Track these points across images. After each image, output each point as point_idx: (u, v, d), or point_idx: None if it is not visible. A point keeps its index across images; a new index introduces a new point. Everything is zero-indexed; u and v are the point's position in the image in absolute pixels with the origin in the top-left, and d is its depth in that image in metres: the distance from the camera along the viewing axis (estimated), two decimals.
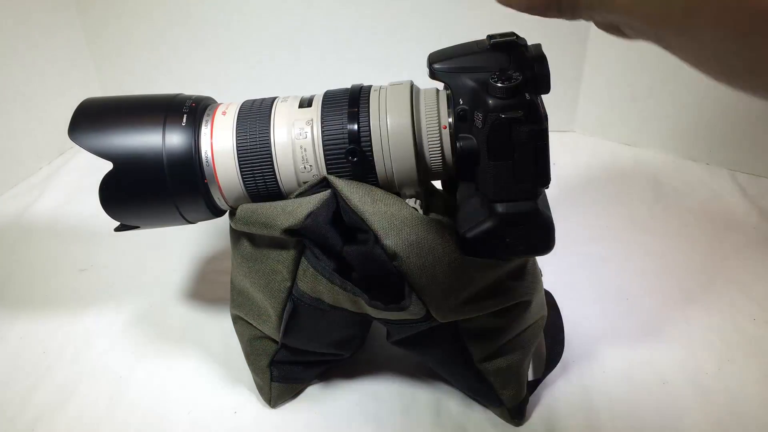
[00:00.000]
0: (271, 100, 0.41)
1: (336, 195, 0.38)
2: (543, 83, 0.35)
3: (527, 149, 0.34)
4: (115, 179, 0.40)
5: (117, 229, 0.44)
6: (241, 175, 0.40)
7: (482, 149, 0.35)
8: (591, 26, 0.26)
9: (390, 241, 0.36)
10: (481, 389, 0.44)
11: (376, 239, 0.36)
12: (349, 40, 0.81)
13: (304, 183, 0.40)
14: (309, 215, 0.37)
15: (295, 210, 0.38)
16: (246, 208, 0.40)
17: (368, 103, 0.38)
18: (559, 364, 0.47)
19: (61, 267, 0.62)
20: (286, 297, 0.41)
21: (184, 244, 0.64)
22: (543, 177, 0.35)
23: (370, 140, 0.38)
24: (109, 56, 0.87)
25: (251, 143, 0.39)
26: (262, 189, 0.40)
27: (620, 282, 0.57)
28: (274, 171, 0.39)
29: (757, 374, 0.48)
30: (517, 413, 0.44)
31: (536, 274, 0.44)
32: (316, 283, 0.39)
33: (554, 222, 0.36)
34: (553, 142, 0.35)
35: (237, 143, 0.39)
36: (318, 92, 0.41)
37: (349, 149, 0.38)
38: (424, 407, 0.46)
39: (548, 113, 0.35)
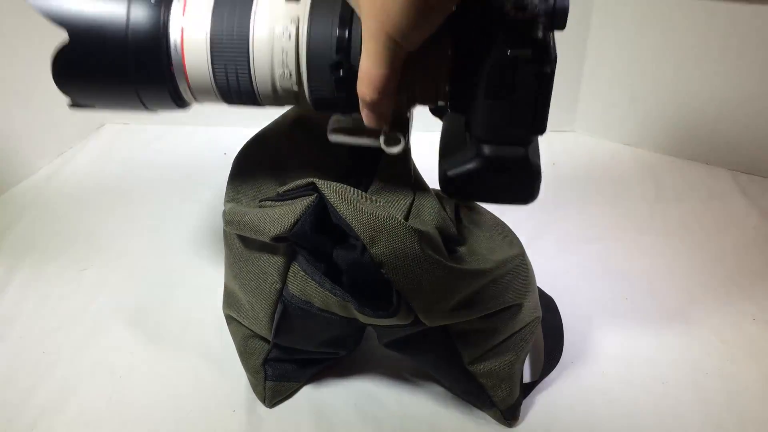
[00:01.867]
0: None
1: (323, 199, 0.37)
2: (560, 18, 0.30)
3: (529, 92, 0.31)
4: (71, 52, 0.36)
5: (71, 106, 0.41)
6: (212, 67, 0.35)
7: (480, 82, 0.31)
8: (591, 26, 0.26)
9: (377, 249, 0.36)
10: (472, 391, 0.44)
11: (364, 248, 0.36)
12: None
13: (281, 88, 0.36)
14: (296, 222, 0.37)
15: (282, 217, 0.37)
16: (234, 212, 0.40)
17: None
18: (558, 365, 0.47)
19: (61, 267, 0.62)
20: (276, 299, 0.41)
21: (183, 243, 0.64)
22: (539, 124, 0.32)
23: (361, 48, 0.33)
24: None
25: (227, 34, 0.35)
26: (234, 86, 0.36)
27: (620, 282, 0.57)
28: (248, 69, 0.35)
29: (757, 374, 0.48)
30: (510, 415, 0.44)
31: (528, 277, 0.44)
32: (306, 287, 0.39)
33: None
34: (553, 142, 0.35)
35: (211, 32, 0.35)
36: None
37: (335, 61, 0.33)
38: (422, 407, 0.46)
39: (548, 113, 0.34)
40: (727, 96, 0.72)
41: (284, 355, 0.45)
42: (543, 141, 0.34)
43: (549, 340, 0.49)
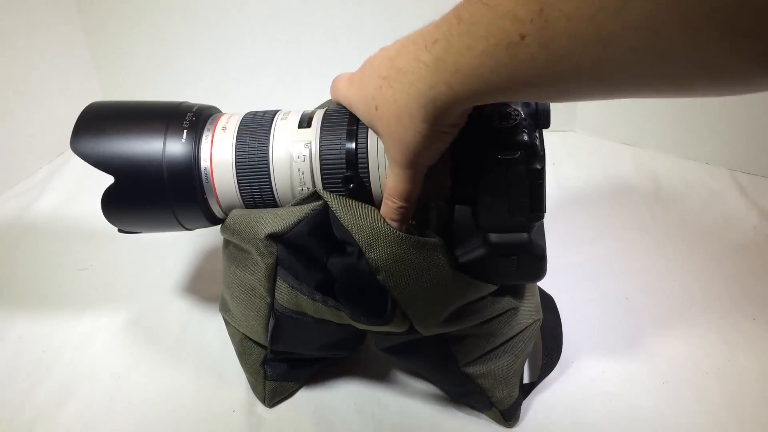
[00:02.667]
0: (272, 116, 0.41)
1: (327, 207, 0.38)
2: (543, 118, 0.35)
3: (522, 188, 0.34)
4: (116, 192, 0.40)
5: (120, 231, 0.45)
6: (239, 188, 0.40)
7: (479, 183, 0.35)
8: None
9: (374, 254, 0.36)
10: (470, 393, 0.44)
11: (361, 253, 0.36)
12: (350, 42, 0.81)
13: (299, 189, 0.40)
14: (299, 222, 0.38)
15: (286, 215, 0.38)
16: (236, 214, 0.40)
17: (367, 128, 0.38)
18: (558, 365, 0.47)
19: (61, 267, 0.62)
20: (267, 312, 0.41)
21: (183, 244, 0.64)
22: (537, 212, 0.35)
23: (367, 160, 0.38)
24: (109, 56, 0.87)
25: (249, 160, 0.40)
26: (259, 202, 0.41)
27: (620, 282, 0.57)
28: (271, 188, 0.40)
29: (757, 374, 0.48)
30: (509, 416, 0.44)
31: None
32: (296, 299, 0.39)
33: (547, 252, 0.37)
34: (553, 142, 0.35)
35: (236, 159, 0.40)
36: (319, 103, 0.41)
37: (345, 176, 0.38)
38: (422, 407, 0.46)
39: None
40: (727, 96, 0.72)
41: (283, 356, 0.45)
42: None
43: (548, 340, 0.49)
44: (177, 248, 0.64)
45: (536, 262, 0.37)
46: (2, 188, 0.75)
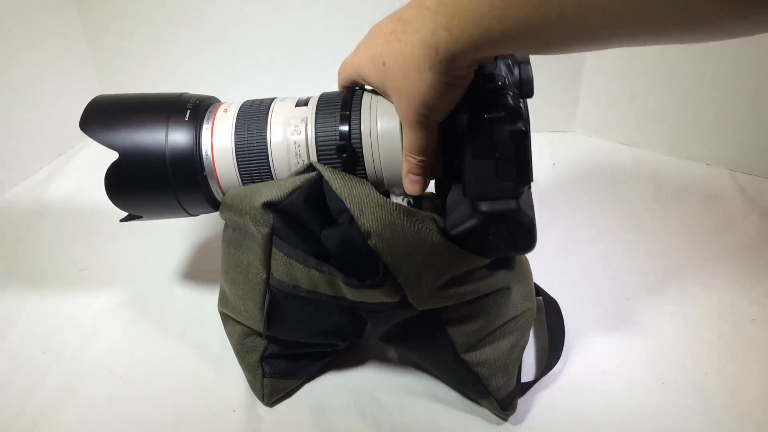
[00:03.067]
0: (270, 101, 0.43)
1: (321, 178, 0.40)
2: (526, 87, 0.37)
3: (509, 149, 0.35)
4: (119, 169, 0.42)
5: (122, 220, 0.46)
6: (239, 169, 0.42)
7: (466, 148, 0.35)
8: None
9: (365, 219, 0.37)
10: (467, 380, 0.44)
11: (352, 219, 0.38)
12: (350, 38, 0.81)
13: (295, 161, 0.41)
14: (294, 191, 0.39)
15: (281, 185, 0.39)
16: (232, 191, 0.42)
17: (360, 106, 0.40)
18: (558, 364, 0.47)
19: (61, 267, 0.62)
20: (264, 288, 0.41)
21: (183, 244, 0.64)
22: (524, 176, 0.36)
23: (360, 141, 0.39)
24: (109, 56, 0.87)
25: (249, 140, 0.41)
26: (257, 180, 0.42)
27: (620, 282, 0.57)
28: (269, 166, 0.42)
29: (757, 374, 0.48)
30: (506, 405, 0.44)
31: (518, 261, 0.44)
32: (291, 270, 0.40)
33: (537, 222, 0.37)
34: (553, 142, 0.35)
35: (236, 140, 0.42)
36: (316, 93, 0.43)
37: (339, 145, 0.40)
38: (422, 407, 0.46)
39: (548, 113, 0.36)
40: (727, 96, 0.72)
41: (281, 351, 0.45)
42: (543, 141, 0.34)
43: (551, 341, 0.49)
44: (177, 249, 0.64)
45: (526, 231, 0.37)
46: (2, 189, 0.75)
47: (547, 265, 0.57)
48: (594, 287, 0.57)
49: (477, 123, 0.35)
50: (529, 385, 0.46)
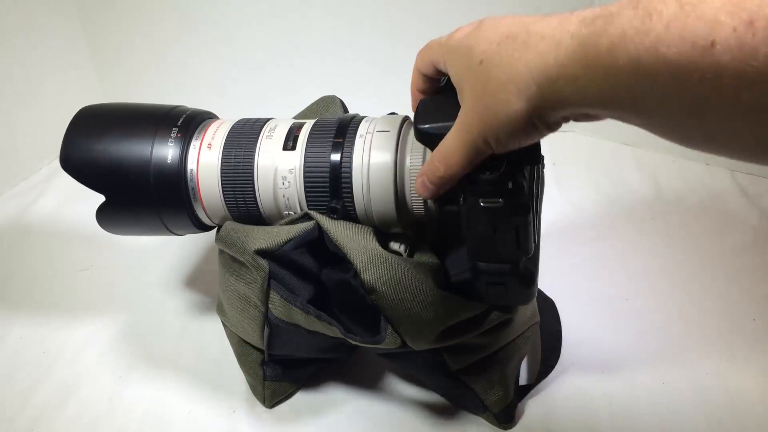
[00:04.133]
0: (259, 129, 0.41)
1: (318, 226, 0.38)
2: (533, 157, 0.33)
3: (507, 230, 0.33)
4: (108, 207, 0.41)
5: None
6: (224, 198, 0.40)
7: (463, 220, 0.34)
8: None
9: (368, 276, 0.36)
10: (464, 395, 0.44)
11: (356, 273, 0.36)
12: (350, 41, 0.81)
13: (286, 213, 0.40)
14: (289, 241, 0.38)
15: (276, 234, 0.38)
16: (229, 227, 0.40)
17: (352, 151, 0.38)
18: (558, 365, 0.47)
19: (61, 267, 0.62)
20: (262, 321, 0.41)
21: (183, 245, 0.64)
22: (525, 250, 0.34)
23: (351, 189, 0.38)
24: (109, 57, 0.87)
25: (235, 174, 0.40)
26: (243, 211, 0.41)
27: (620, 282, 0.57)
28: (256, 201, 0.40)
29: (757, 374, 0.48)
30: (504, 418, 0.44)
31: None
32: (289, 311, 0.39)
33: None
34: (553, 142, 0.35)
35: (221, 170, 0.40)
36: (308, 121, 0.41)
37: (330, 207, 0.38)
38: (422, 407, 0.46)
39: None
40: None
41: (281, 357, 0.45)
42: (543, 141, 0.34)
43: (547, 344, 0.49)
44: (177, 249, 0.64)
45: (524, 288, 0.36)
46: (2, 188, 0.75)
47: (547, 265, 0.57)
48: (594, 287, 0.57)
49: (473, 208, 0.33)
50: (526, 390, 0.46)
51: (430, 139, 0.33)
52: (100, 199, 0.42)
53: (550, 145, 0.37)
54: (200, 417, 0.46)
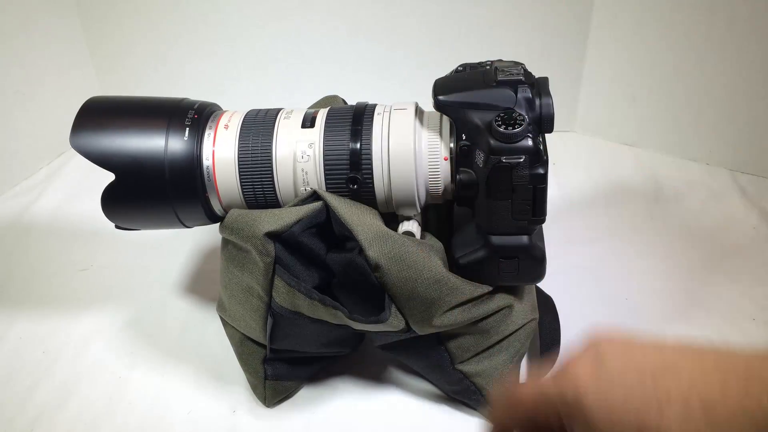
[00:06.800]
0: (275, 114, 0.41)
1: (326, 206, 0.39)
2: (547, 124, 0.36)
3: (526, 192, 0.35)
4: (117, 189, 0.40)
5: (118, 227, 0.45)
6: (242, 188, 0.41)
7: (481, 186, 0.35)
8: (591, 26, 0.27)
9: (373, 252, 0.36)
10: (464, 390, 0.44)
11: (361, 249, 0.37)
12: (351, 38, 0.81)
13: (302, 189, 0.40)
14: (298, 222, 0.38)
15: (284, 215, 0.38)
16: (234, 213, 0.40)
17: (371, 126, 0.39)
18: (557, 364, 0.47)
19: (61, 267, 0.62)
20: (265, 312, 0.41)
21: (183, 244, 0.64)
22: (539, 216, 0.35)
23: (371, 163, 0.38)
24: (109, 57, 0.87)
25: (252, 158, 0.40)
26: (261, 201, 0.41)
27: (620, 282, 0.57)
28: (274, 186, 0.40)
29: None
30: None
31: None
32: (293, 298, 0.39)
33: (546, 253, 0.37)
34: (553, 142, 0.35)
35: (239, 157, 0.40)
36: (318, 99, 0.42)
37: (350, 177, 0.38)
38: (422, 407, 0.46)
39: None
40: (727, 96, 0.72)
41: (283, 355, 0.45)
42: None
43: (546, 341, 0.49)
44: (177, 248, 0.64)
45: (536, 265, 0.37)
46: (2, 188, 0.75)
47: (547, 265, 0.57)
48: (594, 287, 0.57)
49: (494, 166, 0.34)
50: None
51: None
52: (100, 199, 0.41)
53: (550, 145, 0.37)
54: (200, 417, 0.46)
